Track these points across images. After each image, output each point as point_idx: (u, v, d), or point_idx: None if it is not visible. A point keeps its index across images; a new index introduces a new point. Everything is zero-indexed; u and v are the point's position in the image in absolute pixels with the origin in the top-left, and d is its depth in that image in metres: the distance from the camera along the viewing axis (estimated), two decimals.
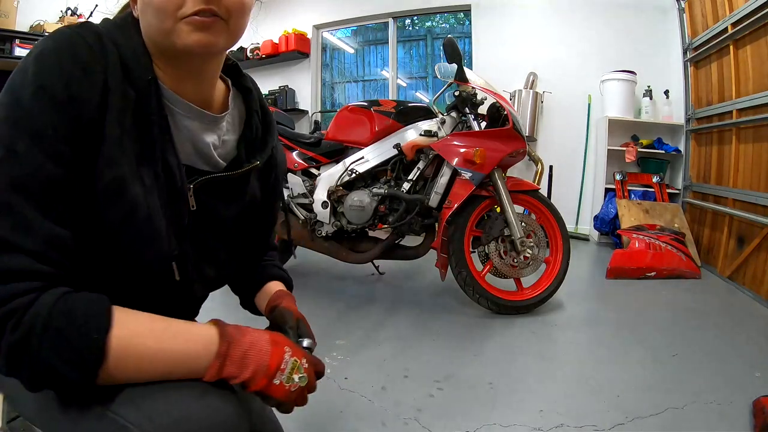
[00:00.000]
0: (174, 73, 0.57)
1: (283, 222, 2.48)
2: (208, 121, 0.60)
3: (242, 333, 0.53)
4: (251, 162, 0.64)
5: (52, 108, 0.45)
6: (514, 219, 1.90)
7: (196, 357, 0.49)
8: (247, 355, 0.52)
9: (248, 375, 0.51)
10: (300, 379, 0.56)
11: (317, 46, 4.92)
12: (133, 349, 0.46)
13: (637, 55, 3.52)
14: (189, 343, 0.50)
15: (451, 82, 1.98)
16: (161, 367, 0.48)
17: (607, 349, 1.64)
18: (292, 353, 0.56)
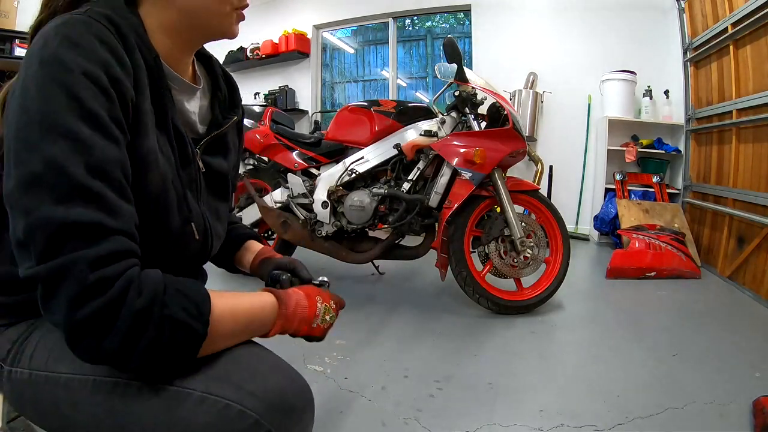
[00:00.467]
0: (174, 50, 0.61)
1: (283, 222, 2.47)
2: (192, 92, 0.67)
3: (289, 296, 0.64)
4: (228, 119, 0.71)
5: (99, 93, 0.46)
6: (514, 219, 1.90)
7: (268, 314, 0.60)
8: (296, 311, 0.64)
9: (295, 326, 0.64)
10: (331, 318, 0.72)
11: (317, 46, 4.92)
12: (229, 307, 0.54)
13: (637, 55, 3.52)
14: (263, 303, 0.60)
15: (451, 82, 1.98)
16: (247, 323, 0.57)
17: (607, 349, 1.64)
18: (323, 300, 0.70)
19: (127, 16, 0.55)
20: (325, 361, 1.49)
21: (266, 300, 0.61)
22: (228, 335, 0.54)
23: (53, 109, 0.44)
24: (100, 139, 0.45)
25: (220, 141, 0.70)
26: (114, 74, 0.48)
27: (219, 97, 0.73)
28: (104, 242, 0.43)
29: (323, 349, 1.58)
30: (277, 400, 0.53)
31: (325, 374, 1.41)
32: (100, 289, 0.42)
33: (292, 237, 2.22)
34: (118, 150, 0.47)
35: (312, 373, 1.41)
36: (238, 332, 0.56)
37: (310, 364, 1.47)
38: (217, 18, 0.60)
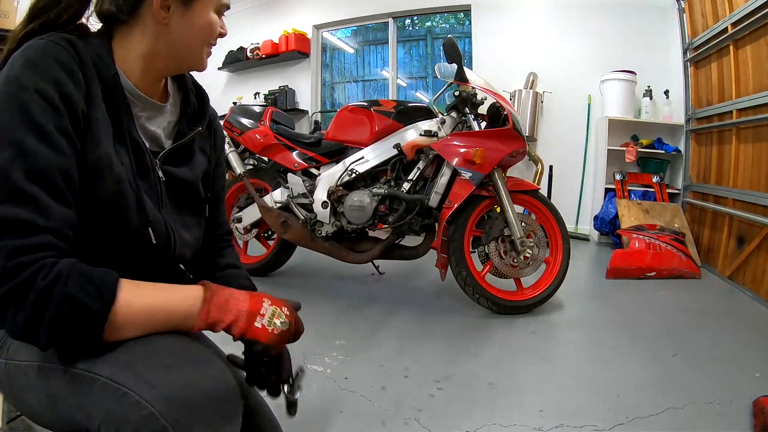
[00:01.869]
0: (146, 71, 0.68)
1: (283, 222, 2.47)
2: (157, 109, 0.72)
3: (221, 288, 0.62)
4: (194, 129, 0.76)
5: (49, 108, 0.54)
6: (514, 219, 1.90)
7: (189, 305, 0.58)
8: (228, 302, 0.60)
9: (231, 318, 0.59)
10: (282, 324, 0.63)
11: (317, 46, 4.92)
12: (140, 294, 0.55)
13: (637, 55, 3.52)
14: (184, 294, 0.59)
15: (451, 82, 1.98)
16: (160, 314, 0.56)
17: (607, 349, 1.64)
18: (272, 302, 0.64)
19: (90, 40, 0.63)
20: (325, 361, 1.49)
21: (191, 290, 0.60)
22: (139, 324, 0.55)
23: (6, 122, 0.52)
24: (45, 148, 0.52)
25: (183, 151, 0.75)
26: (65, 91, 0.55)
27: (188, 111, 0.77)
28: (32, 237, 0.50)
29: (323, 349, 1.58)
30: (179, 395, 0.50)
31: (325, 374, 1.41)
32: (15, 272, 0.48)
33: (292, 237, 2.22)
34: (64, 159, 0.54)
35: (312, 373, 1.41)
36: (154, 322, 0.56)
37: (310, 364, 1.47)
38: (195, 56, 0.70)
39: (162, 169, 0.70)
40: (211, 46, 0.71)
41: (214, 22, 0.69)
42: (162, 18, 0.64)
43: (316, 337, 1.69)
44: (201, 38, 0.69)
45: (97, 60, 0.62)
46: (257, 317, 0.62)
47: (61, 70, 0.56)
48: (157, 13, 0.64)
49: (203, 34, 0.68)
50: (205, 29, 0.68)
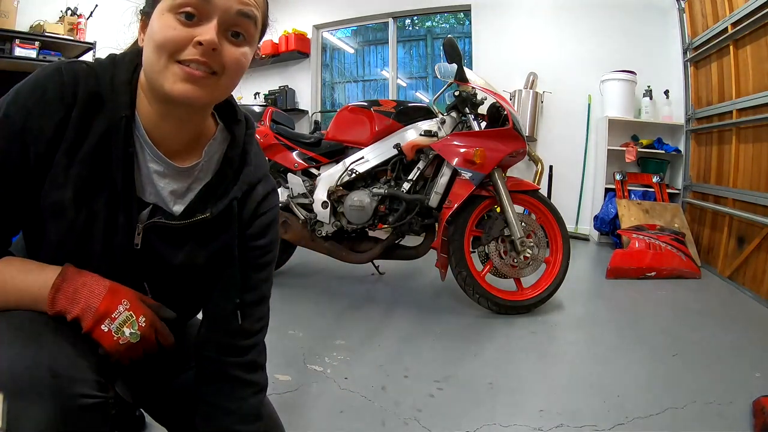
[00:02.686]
0: (158, 110, 0.59)
1: (283, 222, 2.47)
2: (173, 170, 0.61)
3: (80, 273, 0.56)
4: (203, 212, 0.62)
5: (8, 136, 0.53)
6: (514, 219, 1.90)
7: (39, 288, 0.54)
8: (78, 291, 0.54)
9: (77, 312, 0.54)
10: (131, 335, 0.56)
11: (317, 46, 4.92)
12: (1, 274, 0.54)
13: (637, 55, 3.52)
14: (39, 277, 0.55)
15: (451, 82, 1.98)
16: (16, 293, 0.54)
17: (607, 349, 1.64)
18: (130, 307, 0.57)
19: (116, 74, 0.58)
20: (325, 361, 1.49)
21: (41, 274, 0.55)
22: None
23: None
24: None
25: (178, 231, 0.62)
26: (29, 125, 0.54)
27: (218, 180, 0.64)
28: None
29: (323, 349, 1.58)
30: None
31: (325, 374, 1.41)
32: None
33: (292, 237, 2.22)
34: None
35: (312, 373, 1.41)
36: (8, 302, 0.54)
37: (310, 364, 1.47)
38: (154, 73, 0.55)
39: (144, 236, 0.60)
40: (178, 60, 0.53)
41: (163, 26, 0.53)
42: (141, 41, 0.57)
43: (316, 337, 1.69)
44: (155, 50, 0.53)
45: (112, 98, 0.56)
46: (106, 319, 0.55)
47: (40, 104, 0.54)
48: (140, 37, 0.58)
49: (156, 44, 0.53)
50: (156, 37, 0.53)
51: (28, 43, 3.32)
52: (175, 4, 0.53)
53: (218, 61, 0.55)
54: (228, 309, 0.68)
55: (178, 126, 0.61)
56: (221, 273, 0.67)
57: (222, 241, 0.66)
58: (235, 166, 0.66)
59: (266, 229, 0.70)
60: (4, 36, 3.22)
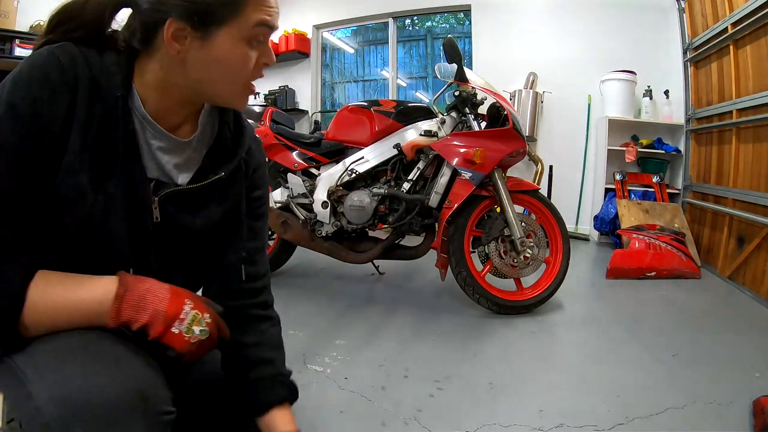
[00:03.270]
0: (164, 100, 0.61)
1: (283, 222, 2.47)
2: (174, 143, 0.64)
3: (140, 280, 0.56)
4: (216, 173, 0.66)
5: (17, 125, 0.51)
6: (514, 219, 1.90)
7: (99, 302, 0.53)
8: (144, 298, 0.54)
9: (145, 319, 0.54)
10: (201, 332, 0.57)
11: (317, 46, 4.92)
12: (47, 296, 0.51)
13: (637, 55, 3.52)
14: (93, 290, 0.54)
15: (451, 82, 1.98)
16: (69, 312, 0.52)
17: (607, 349, 1.64)
18: (194, 306, 0.58)
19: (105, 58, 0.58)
20: (325, 361, 1.49)
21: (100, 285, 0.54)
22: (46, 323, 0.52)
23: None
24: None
25: (195, 195, 0.65)
26: (39, 110, 0.52)
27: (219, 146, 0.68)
28: None
29: (323, 349, 1.58)
30: (64, 392, 0.47)
31: (325, 374, 1.41)
32: None
33: (292, 237, 2.22)
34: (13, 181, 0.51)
35: (312, 373, 1.41)
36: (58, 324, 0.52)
37: (310, 365, 1.47)
38: (225, 95, 0.61)
39: (161, 209, 0.62)
40: (249, 81, 0.61)
41: (242, 56, 0.58)
42: (176, 51, 0.56)
43: (316, 337, 1.69)
44: (227, 77, 0.59)
45: (104, 80, 0.56)
46: (176, 321, 0.55)
47: (45, 89, 0.52)
48: (171, 45, 0.56)
49: (231, 71, 0.58)
50: (233, 65, 0.58)
51: (28, 43, 3.32)
52: (252, 32, 0.57)
53: None
54: (238, 259, 0.72)
55: (181, 104, 0.63)
56: (232, 230, 0.71)
57: (233, 198, 0.70)
58: (233, 128, 0.70)
59: (262, 180, 0.76)
60: (4, 36, 3.22)
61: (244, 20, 0.56)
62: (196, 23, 0.55)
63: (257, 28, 0.57)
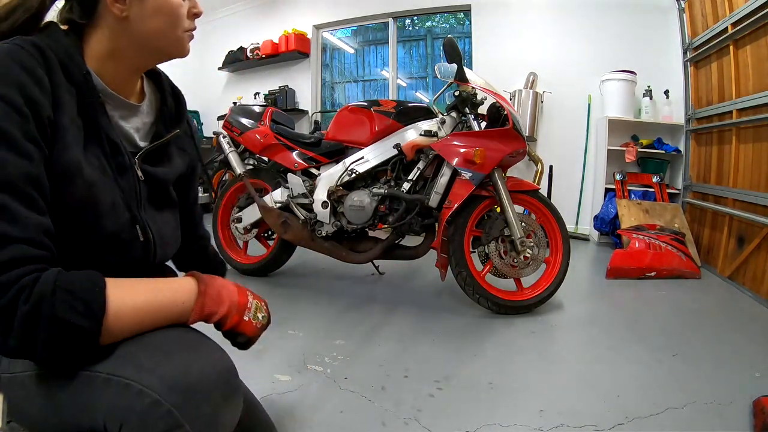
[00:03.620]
0: (119, 69, 0.67)
1: (283, 222, 2.47)
2: (131, 109, 0.71)
3: (213, 278, 0.64)
4: (170, 132, 0.76)
5: (13, 113, 0.52)
6: (514, 219, 1.90)
7: (183, 302, 0.59)
8: (221, 293, 0.62)
9: (225, 310, 0.61)
10: (263, 318, 0.67)
11: (317, 46, 4.92)
12: (129, 300, 0.54)
13: (637, 55, 3.52)
14: (175, 291, 0.59)
15: (451, 82, 1.97)
16: (154, 315, 0.56)
17: (607, 349, 1.64)
18: (254, 296, 0.68)
19: (59, 40, 0.61)
20: (325, 361, 1.49)
21: (183, 285, 0.60)
22: (132, 326, 0.55)
23: None
24: (12, 156, 0.50)
25: (160, 152, 0.75)
26: (29, 95, 0.54)
27: (165, 112, 0.77)
28: (6, 250, 0.48)
29: (323, 349, 1.58)
30: (180, 379, 0.51)
31: (325, 374, 1.41)
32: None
33: (292, 237, 2.22)
34: (31, 165, 0.52)
35: (312, 373, 1.41)
36: (145, 324, 0.56)
37: (310, 364, 1.47)
38: (170, 42, 0.68)
39: (141, 168, 0.70)
40: (186, 29, 0.69)
41: (177, 4, 0.66)
42: (120, 11, 0.63)
43: (316, 337, 1.69)
44: (168, 24, 0.66)
45: (67, 60, 0.60)
46: (245, 310, 0.64)
47: (26, 74, 0.54)
48: (113, 7, 0.62)
49: (169, 20, 0.66)
50: (170, 13, 0.65)
51: None
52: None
53: None
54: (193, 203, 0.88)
55: (135, 77, 0.72)
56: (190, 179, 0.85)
57: (188, 151, 0.83)
58: (172, 92, 0.80)
59: (197, 138, 0.88)
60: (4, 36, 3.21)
61: None
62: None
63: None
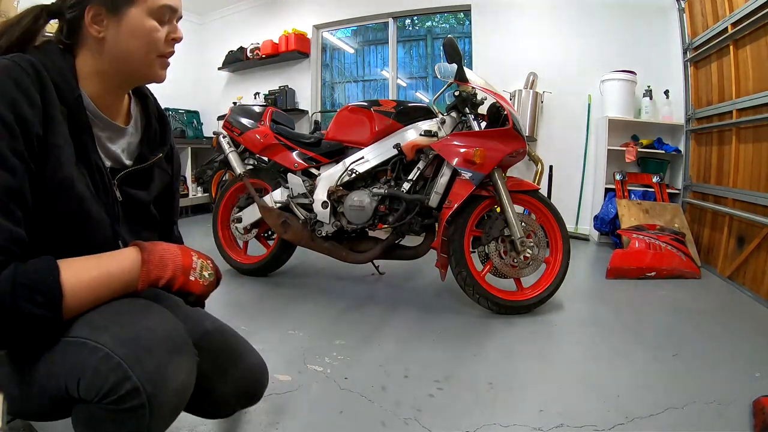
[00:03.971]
0: (104, 90, 0.71)
1: (283, 222, 2.48)
2: (118, 131, 0.76)
3: (156, 244, 0.67)
4: (155, 155, 0.81)
5: (2, 128, 0.56)
6: (514, 219, 1.90)
7: (129, 271, 0.64)
8: (164, 258, 0.66)
9: (170, 274, 0.66)
10: (209, 275, 0.71)
11: (317, 46, 4.92)
12: (83, 276, 0.60)
13: (637, 55, 3.52)
14: (120, 261, 0.64)
15: (451, 82, 1.97)
16: (106, 286, 0.62)
17: (607, 349, 1.64)
18: (198, 256, 0.72)
19: (55, 61, 0.66)
20: (325, 361, 1.49)
21: (126, 255, 0.65)
22: (88, 300, 0.60)
23: None
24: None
25: (141, 174, 0.80)
26: (20, 113, 0.58)
27: (150, 134, 0.82)
28: None
29: (323, 349, 1.58)
30: (128, 335, 0.58)
31: (325, 374, 1.41)
32: None
33: (292, 237, 2.22)
34: (14, 179, 0.56)
35: (312, 373, 1.41)
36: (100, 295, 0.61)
37: (310, 364, 1.47)
38: (143, 65, 0.71)
39: (120, 189, 0.75)
40: (162, 54, 0.71)
41: (151, 28, 0.68)
42: (97, 33, 0.67)
43: (316, 337, 1.69)
44: (141, 47, 0.68)
45: (61, 81, 0.65)
46: (191, 271, 0.68)
47: (20, 92, 0.58)
48: (91, 28, 0.67)
49: (143, 43, 0.68)
50: (144, 37, 0.68)
51: None
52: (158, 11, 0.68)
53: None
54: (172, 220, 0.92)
55: (120, 97, 0.76)
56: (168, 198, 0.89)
57: (168, 173, 0.87)
58: (158, 116, 0.85)
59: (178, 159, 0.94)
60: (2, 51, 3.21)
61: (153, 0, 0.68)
62: (111, 5, 0.66)
63: (162, 8, 0.69)
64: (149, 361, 0.57)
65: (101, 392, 0.56)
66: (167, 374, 0.58)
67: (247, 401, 0.93)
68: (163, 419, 0.59)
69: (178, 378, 0.60)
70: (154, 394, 0.56)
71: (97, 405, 0.56)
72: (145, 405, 0.56)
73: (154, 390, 0.57)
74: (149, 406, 0.56)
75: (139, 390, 0.56)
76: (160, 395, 0.57)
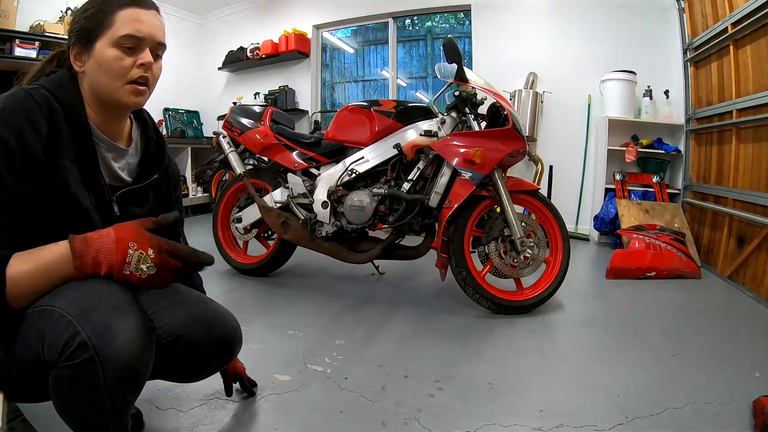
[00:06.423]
0: (104, 116, 0.82)
1: (283, 222, 2.47)
2: (120, 152, 0.87)
3: (92, 241, 0.69)
4: (151, 175, 0.91)
5: (5, 153, 0.67)
6: (514, 219, 1.90)
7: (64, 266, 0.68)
8: (97, 259, 0.69)
9: (105, 270, 0.69)
10: (148, 268, 0.71)
11: (317, 46, 4.92)
12: (21, 274, 0.65)
13: (637, 55, 3.52)
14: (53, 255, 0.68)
15: (451, 82, 1.97)
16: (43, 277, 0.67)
17: (607, 349, 1.64)
18: (138, 246, 0.70)
19: (69, 92, 0.77)
20: (325, 361, 1.49)
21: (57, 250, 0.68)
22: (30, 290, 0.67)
23: None
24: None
25: (138, 193, 0.89)
26: (24, 141, 0.68)
27: (148, 155, 0.92)
28: None
29: (323, 349, 1.58)
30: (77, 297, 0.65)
31: (325, 374, 1.41)
32: None
33: (292, 237, 2.22)
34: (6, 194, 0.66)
35: (312, 373, 1.41)
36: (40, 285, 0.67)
37: (310, 364, 1.47)
38: (110, 93, 0.78)
39: (118, 205, 0.84)
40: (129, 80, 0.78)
41: (114, 57, 0.76)
42: (79, 68, 0.78)
43: (316, 337, 1.69)
44: (109, 76, 0.76)
45: (72, 111, 0.76)
46: (124, 266, 0.69)
47: (26, 122, 0.69)
48: (75, 64, 0.79)
49: (107, 72, 0.76)
50: (106, 66, 0.76)
51: (28, 43, 3.32)
52: (119, 41, 0.76)
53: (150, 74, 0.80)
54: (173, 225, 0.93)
55: (118, 122, 0.86)
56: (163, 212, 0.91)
57: (163, 190, 0.96)
58: (156, 139, 0.94)
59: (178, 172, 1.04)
60: (4, 36, 3.22)
61: (114, 31, 0.76)
62: (84, 42, 0.77)
63: (122, 38, 0.76)
64: (94, 316, 0.63)
65: (59, 349, 0.62)
66: (111, 328, 0.63)
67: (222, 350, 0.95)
68: (118, 378, 0.63)
69: (125, 333, 0.64)
70: (100, 347, 0.62)
71: (60, 367, 0.62)
72: (95, 359, 0.61)
73: (99, 342, 0.62)
74: (99, 359, 0.61)
75: (87, 344, 0.61)
76: (107, 349, 0.62)
